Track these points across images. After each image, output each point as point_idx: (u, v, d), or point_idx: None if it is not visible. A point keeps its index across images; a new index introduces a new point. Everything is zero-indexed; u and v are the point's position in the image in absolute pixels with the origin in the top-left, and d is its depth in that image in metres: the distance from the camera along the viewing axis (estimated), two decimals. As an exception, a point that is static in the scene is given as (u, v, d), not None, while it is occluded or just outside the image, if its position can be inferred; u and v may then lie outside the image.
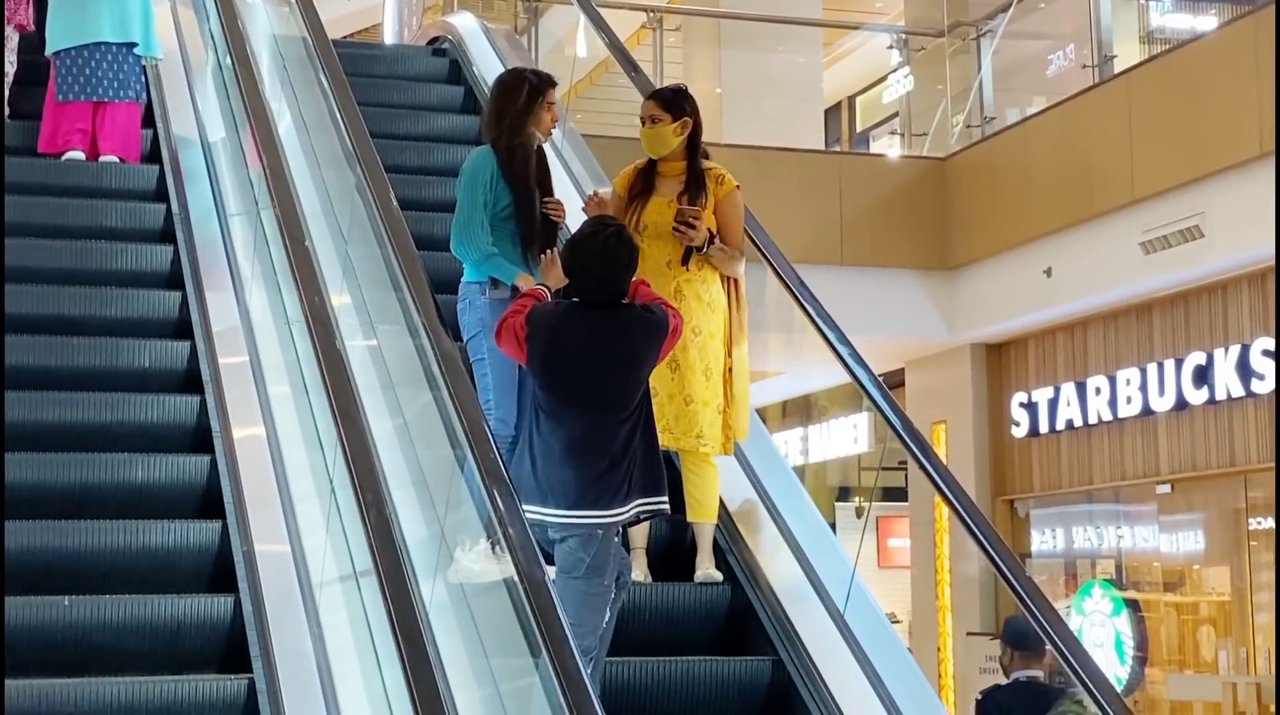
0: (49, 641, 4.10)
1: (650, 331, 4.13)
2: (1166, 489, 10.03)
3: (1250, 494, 9.75)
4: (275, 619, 4.18)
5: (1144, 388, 9.98)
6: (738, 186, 4.81)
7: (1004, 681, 5.87)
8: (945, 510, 9.92)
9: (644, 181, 4.79)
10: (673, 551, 4.86)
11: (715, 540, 5.02)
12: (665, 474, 4.22)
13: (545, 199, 4.84)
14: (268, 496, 4.66)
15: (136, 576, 4.42)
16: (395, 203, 4.92)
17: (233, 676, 4.05)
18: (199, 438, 5.06)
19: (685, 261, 4.72)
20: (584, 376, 4.07)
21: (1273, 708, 9.20)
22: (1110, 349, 10.54)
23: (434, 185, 6.71)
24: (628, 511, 4.05)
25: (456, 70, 8.23)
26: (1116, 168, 9.62)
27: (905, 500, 12.03)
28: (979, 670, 9.31)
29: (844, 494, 13.92)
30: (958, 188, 11.12)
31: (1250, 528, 9.81)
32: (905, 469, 11.11)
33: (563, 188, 6.05)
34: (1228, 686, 9.22)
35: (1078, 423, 10.54)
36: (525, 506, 3.91)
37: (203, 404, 5.13)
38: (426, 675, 3.17)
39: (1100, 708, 3.97)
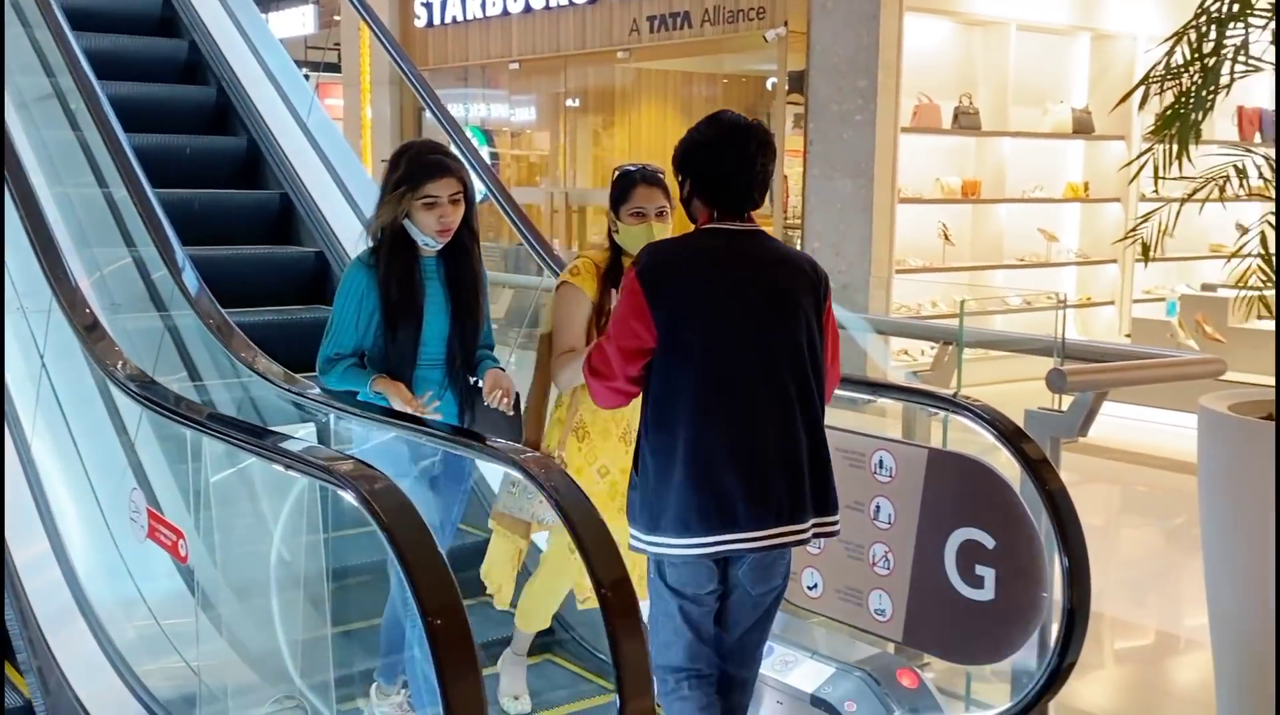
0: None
1: (805, 268, 2.83)
2: (516, 66, 11.71)
3: (568, 82, 11.53)
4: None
5: (506, -5, 11.58)
6: None
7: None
8: (368, 75, 11.34)
9: (614, 276, 3.64)
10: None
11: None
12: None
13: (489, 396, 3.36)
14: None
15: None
16: None
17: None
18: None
19: None
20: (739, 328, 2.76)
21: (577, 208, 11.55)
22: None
23: None
24: (803, 530, 2.84)
25: None
26: None
27: (341, 72, 13.11)
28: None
29: (299, 65, 15.09)
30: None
31: (566, 106, 11.63)
32: (340, 49, 12.84)
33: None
34: (547, 194, 11.87)
35: (460, 18, 12.15)
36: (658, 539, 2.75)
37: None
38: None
39: (482, 180, 5.00)
